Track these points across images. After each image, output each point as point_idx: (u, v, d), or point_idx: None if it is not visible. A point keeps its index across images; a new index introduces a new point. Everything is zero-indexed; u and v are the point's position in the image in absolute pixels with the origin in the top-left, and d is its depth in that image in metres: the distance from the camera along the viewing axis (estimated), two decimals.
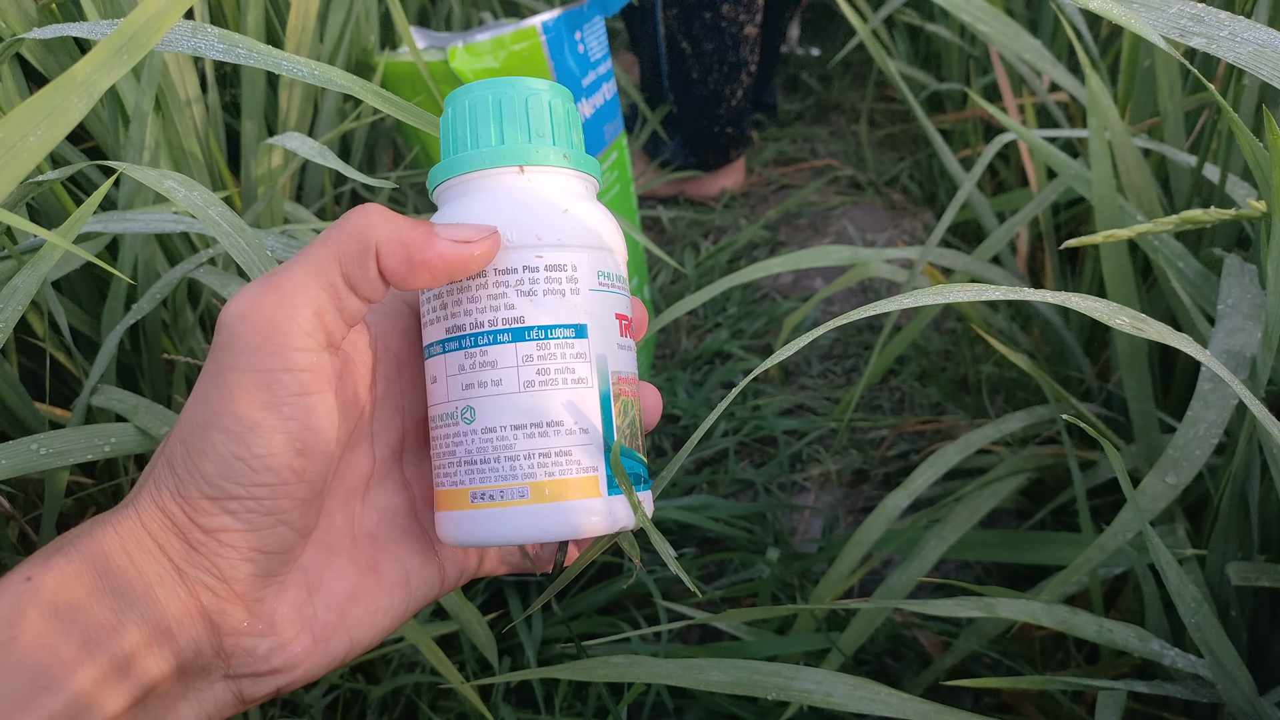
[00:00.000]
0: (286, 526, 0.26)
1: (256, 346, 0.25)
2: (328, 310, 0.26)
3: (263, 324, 0.25)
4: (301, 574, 0.27)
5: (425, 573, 0.30)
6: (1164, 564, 0.41)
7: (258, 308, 0.25)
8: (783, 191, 1.40)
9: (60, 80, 0.23)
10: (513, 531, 0.27)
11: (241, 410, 0.24)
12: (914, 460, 0.88)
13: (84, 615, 0.23)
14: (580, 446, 0.27)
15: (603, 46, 0.83)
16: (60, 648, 0.23)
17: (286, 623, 0.26)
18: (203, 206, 0.36)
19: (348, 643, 0.28)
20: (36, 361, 0.66)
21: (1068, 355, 0.76)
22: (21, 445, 0.44)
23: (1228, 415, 0.45)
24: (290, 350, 0.25)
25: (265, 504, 0.25)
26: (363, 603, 0.28)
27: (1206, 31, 0.33)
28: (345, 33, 0.74)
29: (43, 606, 0.23)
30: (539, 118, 0.29)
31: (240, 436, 0.24)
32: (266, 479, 0.25)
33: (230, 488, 0.25)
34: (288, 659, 0.26)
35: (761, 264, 0.64)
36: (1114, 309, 0.24)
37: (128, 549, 0.25)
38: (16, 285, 0.37)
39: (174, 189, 0.35)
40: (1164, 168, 0.69)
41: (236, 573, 0.25)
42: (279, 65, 0.36)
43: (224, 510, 0.25)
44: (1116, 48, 0.93)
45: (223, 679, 0.26)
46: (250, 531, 0.25)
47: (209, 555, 0.25)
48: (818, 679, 0.43)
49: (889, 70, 0.81)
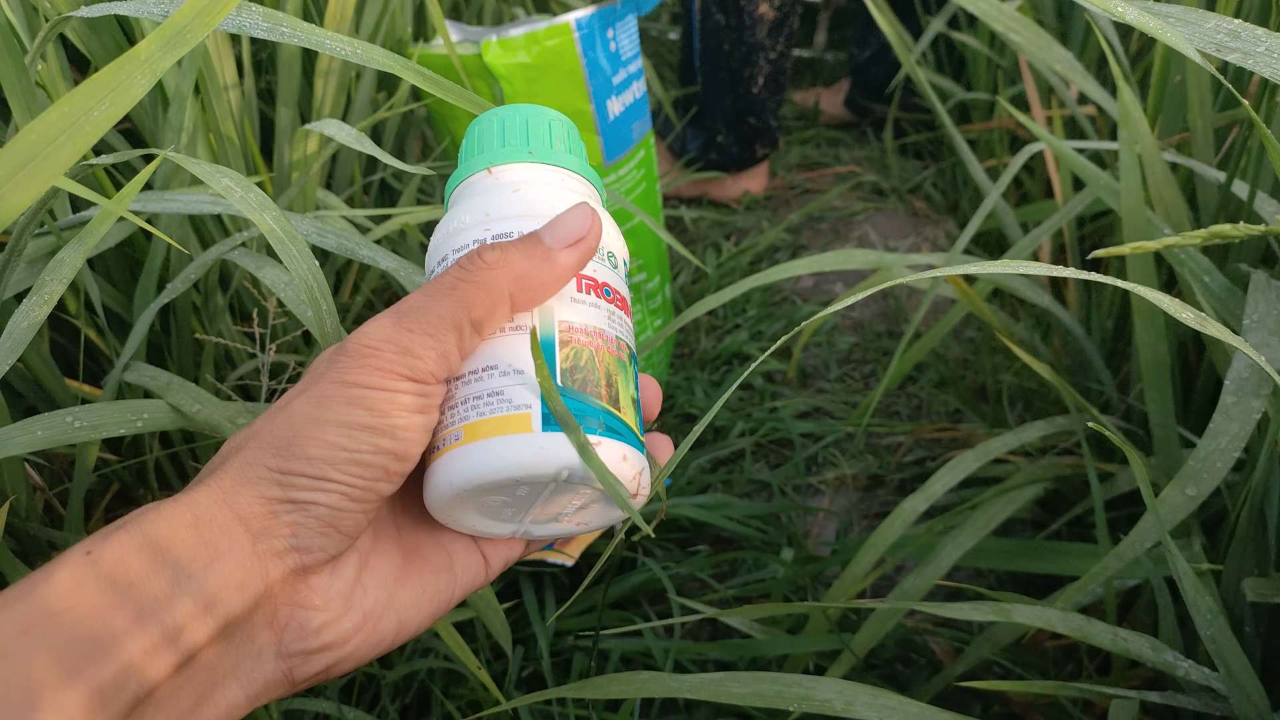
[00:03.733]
0: (364, 515, 0.28)
1: (385, 370, 0.27)
2: (452, 353, 0.28)
3: (394, 356, 0.28)
4: (356, 555, 0.29)
5: (468, 558, 0.32)
6: (1181, 574, 0.41)
7: (394, 339, 0.28)
8: (805, 195, 1.40)
9: (124, 58, 0.24)
10: (451, 476, 0.28)
11: (361, 417, 0.27)
12: (930, 467, 0.88)
13: (139, 589, 0.24)
14: (513, 386, 0.29)
15: (634, 45, 0.83)
16: (114, 619, 0.23)
17: (340, 598, 0.28)
18: (258, 209, 0.37)
19: (396, 624, 0.29)
20: (67, 338, 0.67)
21: (1088, 367, 0.76)
22: (56, 417, 0.45)
23: (1250, 429, 0.46)
24: (415, 381, 0.28)
25: (356, 491, 0.27)
26: (409, 585, 0.30)
27: (1243, 47, 0.34)
28: (381, 24, 0.75)
29: (100, 580, 0.24)
30: (513, 129, 0.34)
31: (355, 436, 0.27)
32: (364, 473, 0.27)
33: (331, 472, 0.27)
34: (338, 635, 0.28)
35: (784, 265, 0.65)
36: (1178, 304, 0.25)
37: (200, 525, 0.26)
38: (62, 259, 0.38)
39: (230, 188, 0.36)
40: (1191, 182, 0.69)
41: (311, 544, 0.27)
42: (323, 44, 0.37)
43: (320, 488, 0.27)
44: (1146, 62, 0.93)
45: (274, 657, 0.27)
46: (333, 509, 0.27)
47: (289, 523, 0.27)
48: (838, 689, 0.43)
49: (919, 79, 0.81)
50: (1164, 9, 0.35)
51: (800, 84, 1.73)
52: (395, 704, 0.66)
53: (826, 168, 1.46)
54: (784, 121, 1.60)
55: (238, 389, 0.70)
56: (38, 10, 0.54)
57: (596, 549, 0.78)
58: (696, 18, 1.27)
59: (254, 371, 0.68)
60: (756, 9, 1.22)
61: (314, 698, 0.63)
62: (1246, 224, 0.43)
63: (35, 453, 0.60)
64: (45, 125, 0.24)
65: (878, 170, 1.43)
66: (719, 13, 1.24)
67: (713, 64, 1.28)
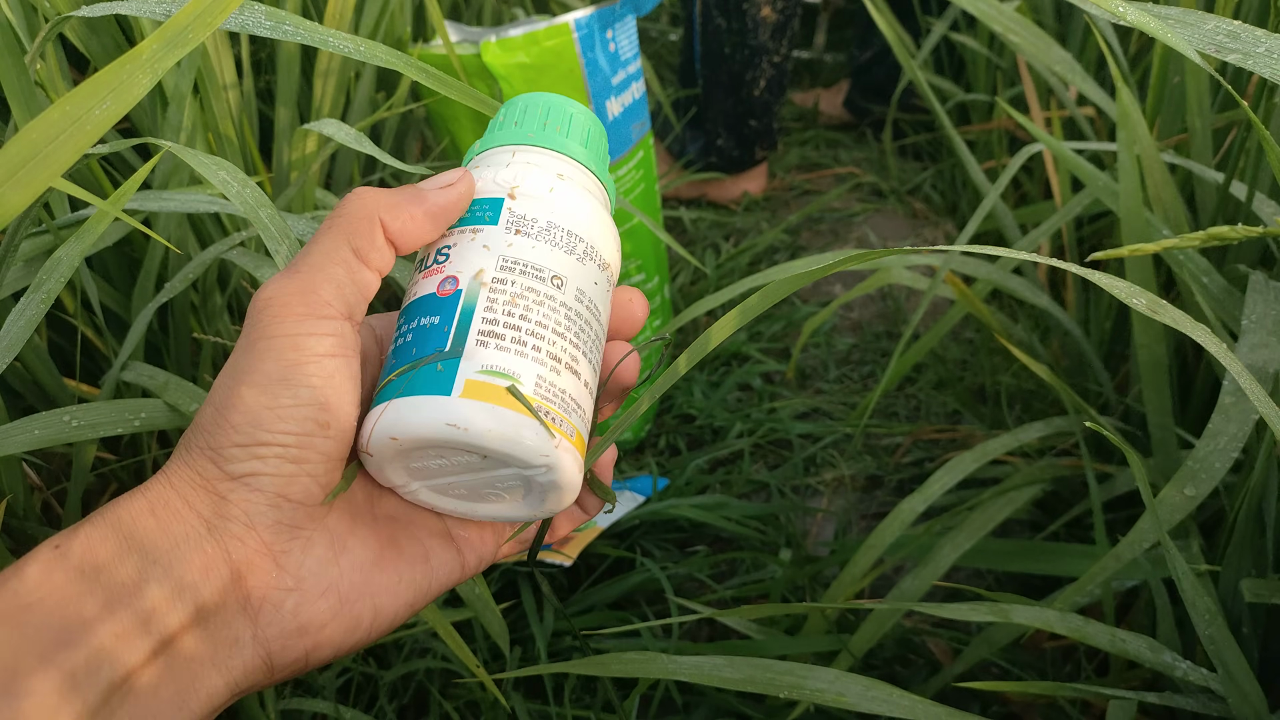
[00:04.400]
0: (311, 479, 0.27)
1: (283, 317, 0.27)
2: (345, 283, 0.28)
3: (289, 299, 0.27)
4: (327, 534, 0.28)
5: (444, 554, 0.31)
6: (1180, 574, 0.41)
7: (282, 289, 0.28)
8: (804, 196, 1.40)
9: (126, 57, 0.24)
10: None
11: (269, 367, 0.27)
12: (928, 468, 0.88)
13: (107, 575, 0.24)
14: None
15: (633, 46, 0.83)
16: (83, 606, 0.24)
17: (312, 578, 0.27)
18: (254, 207, 0.37)
19: (372, 609, 0.29)
20: (64, 337, 0.67)
21: (1086, 368, 0.76)
22: (54, 416, 0.45)
23: (1249, 429, 0.46)
24: (313, 318, 0.27)
25: (292, 451, 0.27)
26: (386, 571, 0.29)
27: (1243, 48, 0.34)
28: (381, 24, 0.75)
29: (69, 570, 0.24)
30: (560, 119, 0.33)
31: (267, 389, 0.26)
32: (292, 428, 0.26)
33: (258, 434, 0.26)
34: (313, 616, 0.27)
35: (784, 266, 0.65)
36: (1133, 289, 0.25)
37: (155, 511, 0.26)
38: (60, 257, 0.37)
39: (227, 181, 0.36)
40: (1189, 183, 0.69)
41: (264, 519, 0.27)
42: (325, 41, 0.37)
43: (253, 455, 0.26)
44: (1145, 63, 0.93)
45: (251, 642, 0.27)
46: (276, 476, 0.26)
47: (237, 502, 0.26)
48: (830, 679, 0.44)
49: (919, 80, 0.81)
50: (1164, 10, 0.35)
51: (799, 85, 1.74)
52: (393, 704, 0.66)
53: (826, 169, 1.46)
54: (783, 123, 1.60)
55: None
56: (37, 10, 0.54)
57: (595, 549, 0.78)
58: (697, 21, 1.27)
59: None
60: (759, 12, 1.22)
61: (311, 697, 0.63)
62: (1245, 225, 0.43)
63: (33, 452, 0.60)
64: (46, 124, 0.24)
65: (877, 171, 1.43)
66: (720, 16, 1.24)
67: (714, 67, 1.28)
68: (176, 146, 0.36)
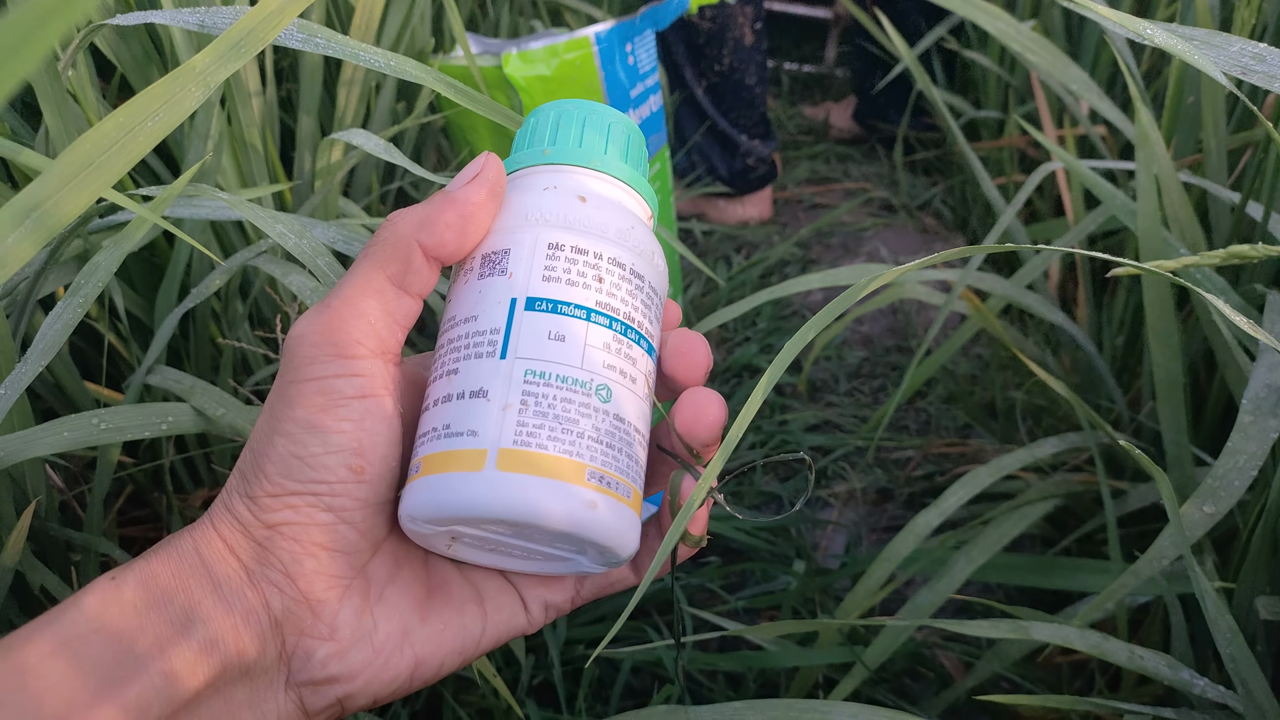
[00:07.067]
0: (349, 526, 0.27)
1: (313, 359, 0.26)
2: (378, 317, 0.27)
3: (317, 338, 0.27)
4: (364, 582, 0.28)
5: (502, 599, 0.30)
6: (1202, 592, 0.41)
7: (313, 326, 0.27)
8: (815, 210, 1.41)
9: (180, 70, 0.24)
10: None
11: (299, 414, 0.26)
12: (939, 481, 0.88)
13: (160, 613, 0.25)
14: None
15: (652, 59, 0.84)
16: (138, 641, 0.24)
17: (346, 628, 0.27)
18: (311, 257, 0.38)
19: (412, 660, 0.28)
20: (87, 342, 0.68)
21: (1098, 384, 0.77)
22: (83, 419, 0.45)
23: (1268, 448, 0.46)
24: (343, 358, 0.27)
25: (324, 500, 0.26)
26: (429, 621, 0.28)
27: (1268, 70, 0.34)
28: (403, 36, 0.75)
29: (124, 604, 0.24)
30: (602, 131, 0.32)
31: (297, 437, 0.26)
32: (324, 475, 0.26)
33: (289, 484, 0.26)
34: (345, 667, 0.27)
35: (797, 280, 0.65)
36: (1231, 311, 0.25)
37: (200, 551, 0.26)
38: (98, 263, 0.38)
39: (284, 235, 0.37)
40: (1204, 203, 0.70)
41: (301, 568, 0.26)
42: (356, 55, 0.38)
43: (285, 505, 0.26)
44: (1159, 83, 0.94)
45: (284, 687, 0.27)
46: (311, 526, 0.26)
47: (274, 550, 0.26)
48: (853, 713, 0.43)
49: (932, 96, 0.82)
50: (1189, 31, 0.35)
51: (810, 98, 1.74)
52: (406, 709, 0.66)
53: (836, 183, 1.47)
54: (793, 136, 1.61)
55: (255, 394, 0.71)
56: None
57: None
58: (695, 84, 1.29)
59: (270, 377, 0.68)
60: (744, 37, 1.24)
61: None
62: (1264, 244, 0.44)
63: (55, 454, 0.60)
64: (99, 135, 0.25)
65: (887, 186, 1.44)
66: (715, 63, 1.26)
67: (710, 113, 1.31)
68: (229, 196, 0.36)
